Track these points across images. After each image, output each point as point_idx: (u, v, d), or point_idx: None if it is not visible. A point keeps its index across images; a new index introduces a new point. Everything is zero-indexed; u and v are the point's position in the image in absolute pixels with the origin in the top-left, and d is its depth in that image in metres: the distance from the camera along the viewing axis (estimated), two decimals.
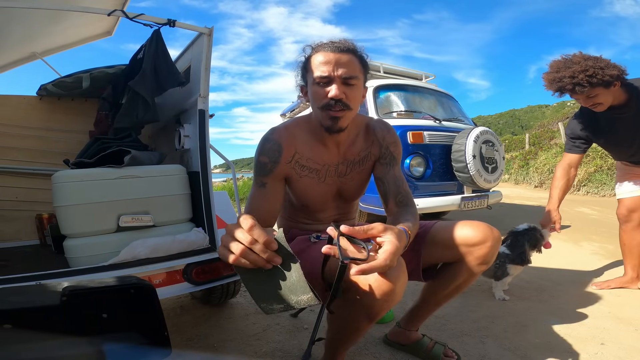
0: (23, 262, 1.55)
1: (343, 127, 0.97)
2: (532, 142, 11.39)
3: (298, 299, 0.64)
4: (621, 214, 1.83)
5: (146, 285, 0.60)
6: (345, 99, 0.92)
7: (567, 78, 1.40)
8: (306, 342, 1.28)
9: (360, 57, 0.96)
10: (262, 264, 0.63)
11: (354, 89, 0.94)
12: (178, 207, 1.43)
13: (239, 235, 0.63)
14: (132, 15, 1.38)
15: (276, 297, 0.65)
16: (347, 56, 0.93)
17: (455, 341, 1.34)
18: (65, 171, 1.27)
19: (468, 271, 1.02)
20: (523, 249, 1.72)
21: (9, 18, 1.68)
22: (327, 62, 0.91)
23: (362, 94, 1.00)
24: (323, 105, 0.93)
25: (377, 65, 3.75)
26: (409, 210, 0.97)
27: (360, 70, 0.95)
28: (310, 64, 0.96)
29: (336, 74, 0.91)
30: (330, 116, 0.94)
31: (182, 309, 1.79)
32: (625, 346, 1.27)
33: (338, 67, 0.91)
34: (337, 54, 0.92)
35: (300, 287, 0.63)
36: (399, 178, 1.04)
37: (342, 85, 0.92)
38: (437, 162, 3.02)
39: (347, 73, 0.91)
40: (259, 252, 0.62)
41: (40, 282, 1.01)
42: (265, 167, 0.99)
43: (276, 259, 0.63)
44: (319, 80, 0.93)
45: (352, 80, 0.93)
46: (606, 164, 6.08)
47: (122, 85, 1.73)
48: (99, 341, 0.57)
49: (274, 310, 0.66)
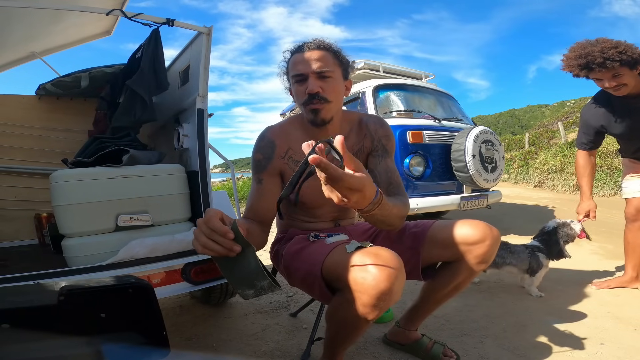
0: (22, 261, 1.55)
1: (326, 119, 1.01)
2: (531, 141, 11.40)
3: (261, 284, 0.68)
4: (629, 213, 1.82)
5: (144, 285, 0.60)
6: (322, 93, 0.97)
7: (597, 52, 1.41)
8: (305, 341, 1.28)
9: (333, 51, 1.01)
10: (224, 253, 0.65)
11: (330, 81, 0.99)
12: (177, 206, 1.43)
13: (201, 228, 0.66)
14: (130, 14, 1.38)
15: (246, 282, 0.69)
16: (319, 52, 0.99)
17: (454, 341, 1.33)
18: (64, 170, 1.27)
19: (467, 270, 1.02)
20: (559, 246, 1.78)
21: (8, 18, 1.68)
22: (301, 61, 0.98)
23: (346, 86, 1.06)
24: (304, 101, 1.00)
25: (377, 64, 3.75)
26: (398, 197, 0.97)
27: (335, 64, 1.01)
28: (289, 67, 1.03)
29: (310, 70, 0.97)
30: (310, 109, 0.99)
31: (181, 308, 1.79)
32: (625, 346, 1.27)
33: (311, 64, 0.97)
34: (309, 52, 0.98)
35: (260, 274, 0.67)
36: (390, 169, 1.06)
37: (318, 80, 0.98)
38: (436, 161, 3.02)
39: (320, 67, 0.97)
40: (218, 242, 0.64)
41: (38, 282, 1.00)
42: (260, 163, 1.05)
43: (235, 247, 0.65)
44: (296, 79, 1.00)
45: (326, 73, 0.98)
46: (605, 163, 6.09)
47: (120, 84, 1.72)
48: (96, 341, 0.57)
49: (248, 295, 0.70)
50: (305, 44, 1.01)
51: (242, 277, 0.69)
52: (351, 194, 0.62)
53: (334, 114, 1.03)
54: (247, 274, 0.68)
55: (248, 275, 0.68)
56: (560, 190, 6.60)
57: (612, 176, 5.75)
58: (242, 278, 0.69)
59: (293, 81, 1.02)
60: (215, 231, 0.64)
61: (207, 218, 0.66)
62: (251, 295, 0.70)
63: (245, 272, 0.68)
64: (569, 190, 6.34)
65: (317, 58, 0.98)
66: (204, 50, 1.41)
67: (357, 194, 0.63)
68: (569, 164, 6.82)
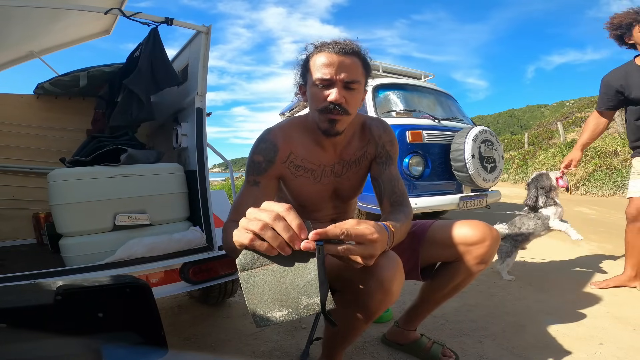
0: (19, 261, 1.55)
1: (340, 131, 0.95)
2: (531, 141, 11.42)
3: (309, 302, 0.56)
4: (629, 213, 1.81)
5: (141, 284, 0.59)
6: (345, 104, 0.90)
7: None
8: (304, 341, 1.28)
9: (363, 59, 0.94)
10: (281, 247, 0.56)
11: (355, 93, 0.92)
12: (175, 205, 1.43)
13: (261, 215, 0.57)
14: (129, 13, 1.38)
15: (281, 299, 0.56)
16: (351, 59, 0.89)
17: (453, 341, 1.33)
18: (61, 170, 1.26)
19: (466, 270, 1.02)
20: (535, 195, 1.86)
21: (7, 16, 1.67)
22: (330, 64, 0.88)
23: (362, 97, 0.98)
24: (322, 108, 0.91)
25: (377, 64, 3.75)
26: (402, 210, 0.96)
27: (363, 74, 0.93)
28: (312, 64, 0.93)
29: (338, 78, 0.88)
30: (328, 119, 0.92)
31: (180, 308, 1.78)
32: (624, 346, 1.27)
33: (340, 71, 0.88)
34: (341, 56, 0.88)
35: (317, 286, 0.55)
36: (394, 177, 1.03)
37: (343, 90, 0.89)
38: (436, 161, 3.02)
39: (350, 77, 0.89)
40: (280, 230, 0.56)
41: (35, 281, 1.00)
42: (259, 165, 0.97)
43: (298, 242, 0.56)
44: (319, 82, 0.90)
45: (354, 85, 0.90)
46: (605, 163, 6.09)
47: (118, 83, 1.72)
48: (94, 340, 0.57)
49: (270, 320, 0.56)
50: (336, 44, 0.90)
51: (279, 292, 0.57)
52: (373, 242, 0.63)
53: (347, 126, 0.97)
54: (291, 287, 0.57)
55: (292, 289, 0.56)
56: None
57: (611, 176, 5.75)
58: (278, 292, 0.57)
59: (314, 83, 0.91)
60: (291, 224, 0.56)
61: (285, 207, 0.57)
62: (275, 319, 0.57)
63: (290, 285, 0.57)
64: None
65: (348, 66, 0.89)
66: (202, 49, 1.41)
67: (377, 237, 0.64)
68: None
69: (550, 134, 11.45)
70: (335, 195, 1.10)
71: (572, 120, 13.91)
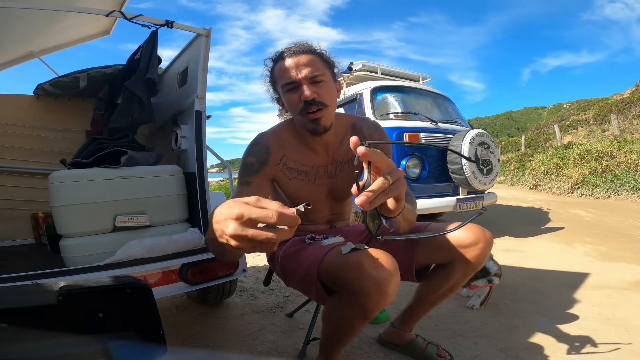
0: (19, 261, 1.55)
1: (327, 126, 0.99)
2: (528, 144, 11.47)
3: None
4: None
5: (142, 285, 0.61)
6: (318, 98, 0.94)
7: None
8: (301, 341, 1.29)
9: (319, 54, 0.98)
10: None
11: (324, 85, 0.96)
12: (174, 207, 1.44)
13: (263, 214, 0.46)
14: (130, 16, 1.39)
15: None
16: (306, 56, 0.95)
17: (448, 342, 1.35)
18: (62, 171, 1.27)
19: (460, 272, 1.04)
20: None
21: (7, 17, 1.68)
22: (289, 68, 0.94)
23: (337, 89, 1.02)
24: (300, 110, 0.96)
25: (375, 66, 3.77)
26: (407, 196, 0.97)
27: (324, 67, 0.97)
28: (275, 75, 0.98)
29: (301, 76, 0.93)
30: (310, 119, 0.96)
31: (178, 308, 1.79)
32: (616, 347, 1.29)
33: (300, 69, 0.93)
34: (295, 57, 0.94)
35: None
36: None
37: (311, 85, 0.94)
38: (433, 163, 3.04)
39: (311, 72, 0.93)
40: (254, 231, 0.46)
41: (37, 282, 1.01)
42: (252, 167, 1.00)
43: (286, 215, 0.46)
44: (287, 87, 0.95)
45: (319, 78, 0.94)
46: (600, 166, 6.13)
47: (118, 85, 1.73)
48: (94, 340, 0.58)
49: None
50: (288, 49, 0.96)
51: None
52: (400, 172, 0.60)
53: (332, 120, 1.00)
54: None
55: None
56: (556, 192, 6.63)
57: (607, 179, 5.79)
58: None
59: (283, 90, 0.97)
60: (285, 217, 0.45)
61: (275, 205, 0.47)
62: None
63: None
64: (565, 192, 6.37)
65: (305, 63, 0.94)
66: (202, 52, 1.42)
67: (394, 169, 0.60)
68: (565, 166, 6.86)
69: (547, 137, 11.51)
70: (331, 196, 1.11)
71: (569, 122, 13.99)
